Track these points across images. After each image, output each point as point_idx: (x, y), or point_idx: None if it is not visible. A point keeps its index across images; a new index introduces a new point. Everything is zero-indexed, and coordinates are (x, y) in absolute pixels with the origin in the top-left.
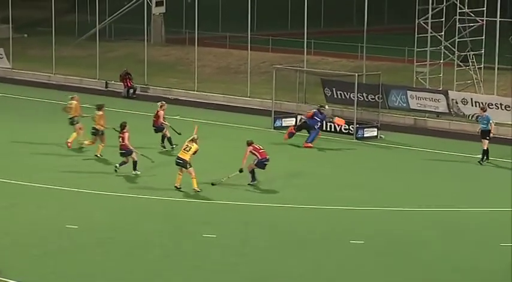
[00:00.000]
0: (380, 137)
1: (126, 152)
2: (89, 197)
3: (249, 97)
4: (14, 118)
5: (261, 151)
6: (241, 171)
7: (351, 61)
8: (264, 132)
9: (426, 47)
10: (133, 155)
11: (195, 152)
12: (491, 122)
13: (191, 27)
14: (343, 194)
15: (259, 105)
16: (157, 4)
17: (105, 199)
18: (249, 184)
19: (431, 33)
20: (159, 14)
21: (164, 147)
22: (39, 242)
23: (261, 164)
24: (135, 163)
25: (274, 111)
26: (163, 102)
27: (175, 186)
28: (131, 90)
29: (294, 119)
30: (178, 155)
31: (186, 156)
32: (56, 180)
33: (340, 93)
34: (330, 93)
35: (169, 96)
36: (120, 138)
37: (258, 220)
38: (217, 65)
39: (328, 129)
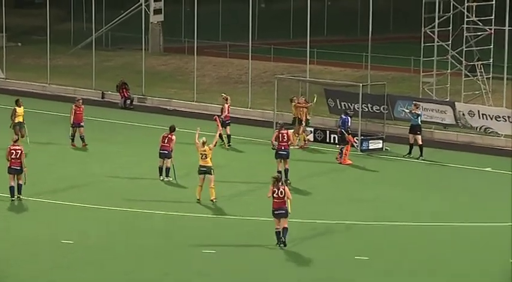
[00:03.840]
0: (385, 149)
1: (167, 154)
2: (85, 210)
3: (249, 108)
4: (5, 130)
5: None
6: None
7: (355, 71)
8: (265, 145)
9: (433, 57)
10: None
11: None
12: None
13: (190, 35)
14: (346, 208)
15: (261, 116)
16: (155, 12)
17: (101, 213)
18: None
19: (438, 42)
20: (157, 22)
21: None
22: (32, 258)
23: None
24: (168, 169)
25: (276, 123)
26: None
27: (198, 200)
28: (128, 101)
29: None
30: (199, 164)
31: (209, 162)
32: (48, 193)
33: (344, 104)
34: (334, 103)
35: (168, 107)
36: (167, 139)
37: (262, 234)
38: (217, 74)
39: (332, 140)
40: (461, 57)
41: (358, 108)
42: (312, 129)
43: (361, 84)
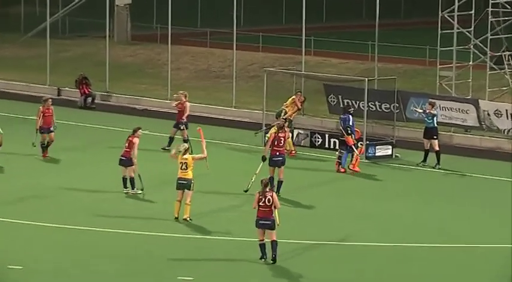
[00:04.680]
0: (395, 156)
1: (126, 161)
2: (37, 230)
3: (234, 107)
4: None
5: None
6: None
7: (360, 63)
8: (253, 151)
9: (452, 46)
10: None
11: (194, 159)
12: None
13: (163, 21)
14: (348, 226)
15: (247, 117)
16: None
17: (56, 232)
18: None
19: (458, 29)
20: (124, 5)
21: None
22: None
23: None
24: (132, 180)
25: (266, 125)
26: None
27: (176, 218)
28: (89, 99)
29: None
30: (178, 176)
31: (189, 174)
32: None
33: (347, 103)
34: (335, 102)
35: (137, 106)
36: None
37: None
38: (195, 67)
39: (333, 146)
40: (486, 46)
41: (363, 107)
42: (309, 133)
43: (366, 79)
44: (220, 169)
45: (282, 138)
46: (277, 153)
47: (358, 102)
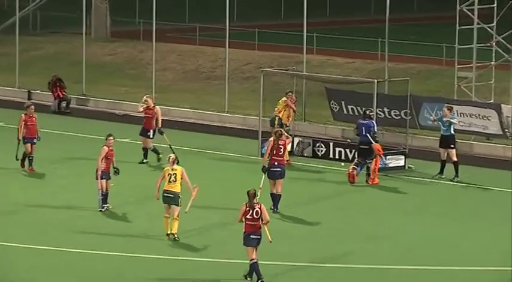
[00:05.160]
0: (408, 167)
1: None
2: (2, 251)
3: (226, 112)
4: None
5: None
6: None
7: (368, 62)
8: (248, 162)
9: (472, 44)
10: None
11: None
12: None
13: (147, 16)
14: (357, 247)
15: (241, 123)
16: None
17: (24, 253)
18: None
19: (478, 24)
20: None
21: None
22: None
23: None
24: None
25: (262, 132)
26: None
27: (168, 234)
28: (64, 103)
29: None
30: (164, 188)
31: (177, 187)
32: None
33: (352, 108)
34: (338, 107)
35: (117, 112)
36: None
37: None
38: (182, 67)
39: (337, 156)
40: (510, 44)
41: (371, 113)
42: (311, 141)
43: (375, 81)
44: (211, 182)
45: (282, 147)
46: (276, 163)
47: (364, 108)
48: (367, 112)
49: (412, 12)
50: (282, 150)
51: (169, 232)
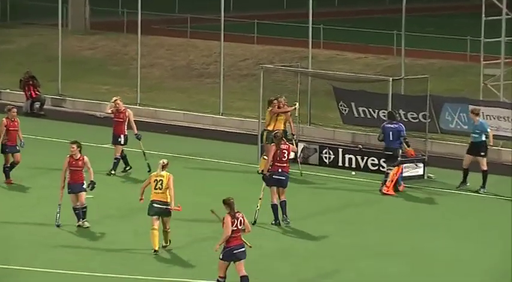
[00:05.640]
0: (428, 176)
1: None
2: None
3: (222, 114)
4: None
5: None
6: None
7: (382, 58)
8: (247, 170)
9: (499, 37)
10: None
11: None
12: (488, 130)
13: (131, 5)
14: (368, 265)
15: (239, 126)
16: None
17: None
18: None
19: (507, 14)
20: None
21: None
22: None
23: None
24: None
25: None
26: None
27: (155, 250)
28: (37, 104)
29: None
30: (152, 198)
31: (166, 197)
32: None
33: (364, 110)
34: (348, 109)
35: (97, 113)
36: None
37: None
38: (172, 63)
39: (346, 164)
40: None
41: (384, 116)
42: (317, 147)
43: (391, 79)
44: (204, 193)
45: (286, 151)
46: (280, 170)
47: (376, 110)
48: (394, 113)
49: (432, 1)
50: (286, 155)
51: (157, 248)
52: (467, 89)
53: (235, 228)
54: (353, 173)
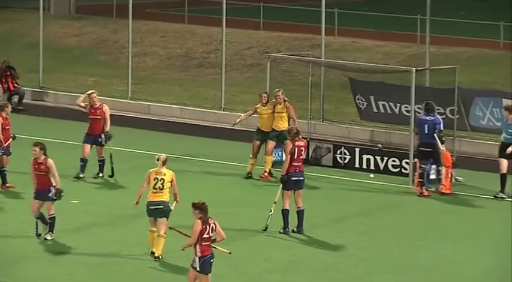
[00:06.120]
0: (456, 179)
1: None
2: None
3: (224, 110)
4: None
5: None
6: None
7: (405, 46)
8: (253, 173)
9: None
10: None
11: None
12: None
13: None
14: (389, 279)
15: (243, 123)
16: None
17: None
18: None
19: None
20: None
21: None
22: None
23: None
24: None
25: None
26: None
27: (152, 252)
28: (15, 98)
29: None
30: (149, 199)
31: (165, 196)
32: None
33: (384, 105)
34: (366, 104)
35: (83, 109)
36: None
37: None
38: (167, 52)
39: (364, 165)
40: None
41: (408, 111)
42: (331, 147)
43: (414, 69)
44: (204, 198)
45: (303, 148)
46: (297, 170)
47: (398, 105)
48: (432, 105)
49: None
50: (303, 153)
51: (153, 250)
52: (500, 82)
53: (207, 236)
54: (371, 175)
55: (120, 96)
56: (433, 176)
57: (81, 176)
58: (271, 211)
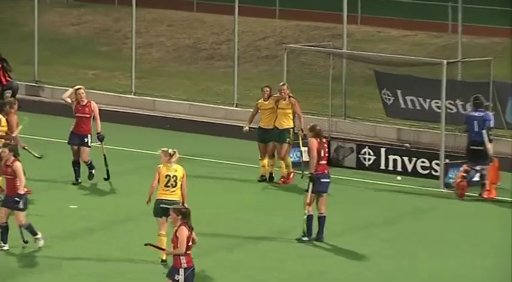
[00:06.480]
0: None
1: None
2: None
3: (236, 106)
4: None
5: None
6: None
7: (435, 35)
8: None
9: None
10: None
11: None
12: None
13: None
14: None
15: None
16: None
17: None
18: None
19: None
20: None
21: None
22: None
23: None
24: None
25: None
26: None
27: (163, 260)
28: (8, 92)
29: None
30: (159, 196)
31: (177, 195)
32: None
33: (412, 100)
34: (392, 99)
35: (68, 104)
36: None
37: None
38: (175, 43)
39: (391, 166)
40: None
41: (438, 107)
42: (354, 146)
43: (445, 62)
44: (214, 202)
45: (327, 147)
46: (326, 172)
47: (428, 100)
48: (478, 100)
49: None
50: (327, 151)
51: (165, 257)
52: None
53: (191, 244)
54: (399, 178)
55: (122, 91)
56: (475, 179)
57: (79, 180)
58: (305, 215)
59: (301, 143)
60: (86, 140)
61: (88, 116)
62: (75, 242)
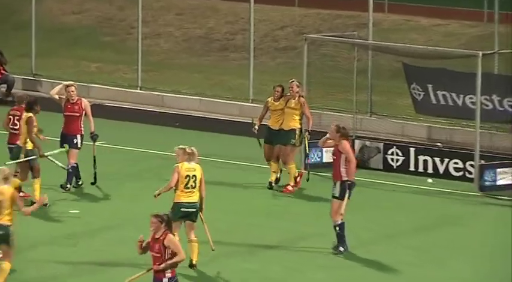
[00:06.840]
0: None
1: None
2: None
3: (252, 102)
4: None
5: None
6: None
7: (469, 25)
8: (286, 177)
9: None
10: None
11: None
12: None
13: None
14: None
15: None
16: None
17: None
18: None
19: None
20: None
21: None
22: None
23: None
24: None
25: (309, 132)
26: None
27: (192, 265)
28: (3, 86)
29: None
30: (180, 200)
31: (197, 196)
32: None
33: (444, 95)
34: (423, 94)
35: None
36: None
37: None
38: (184, 33)
39: (421, 168)
40: None
41: (473, 103)
42: (381, 146)
43: (480, 53)
44: (226, 207)
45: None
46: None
47: (461, 96)
48: None
49: None
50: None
51: (194, 262)
52: None
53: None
54: (430, 180)
55: (128, 85)
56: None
57: (80, 182)
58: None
59: (307, 146)
60: (74, 140)
61: (77, 114)
62: (77, 252)
